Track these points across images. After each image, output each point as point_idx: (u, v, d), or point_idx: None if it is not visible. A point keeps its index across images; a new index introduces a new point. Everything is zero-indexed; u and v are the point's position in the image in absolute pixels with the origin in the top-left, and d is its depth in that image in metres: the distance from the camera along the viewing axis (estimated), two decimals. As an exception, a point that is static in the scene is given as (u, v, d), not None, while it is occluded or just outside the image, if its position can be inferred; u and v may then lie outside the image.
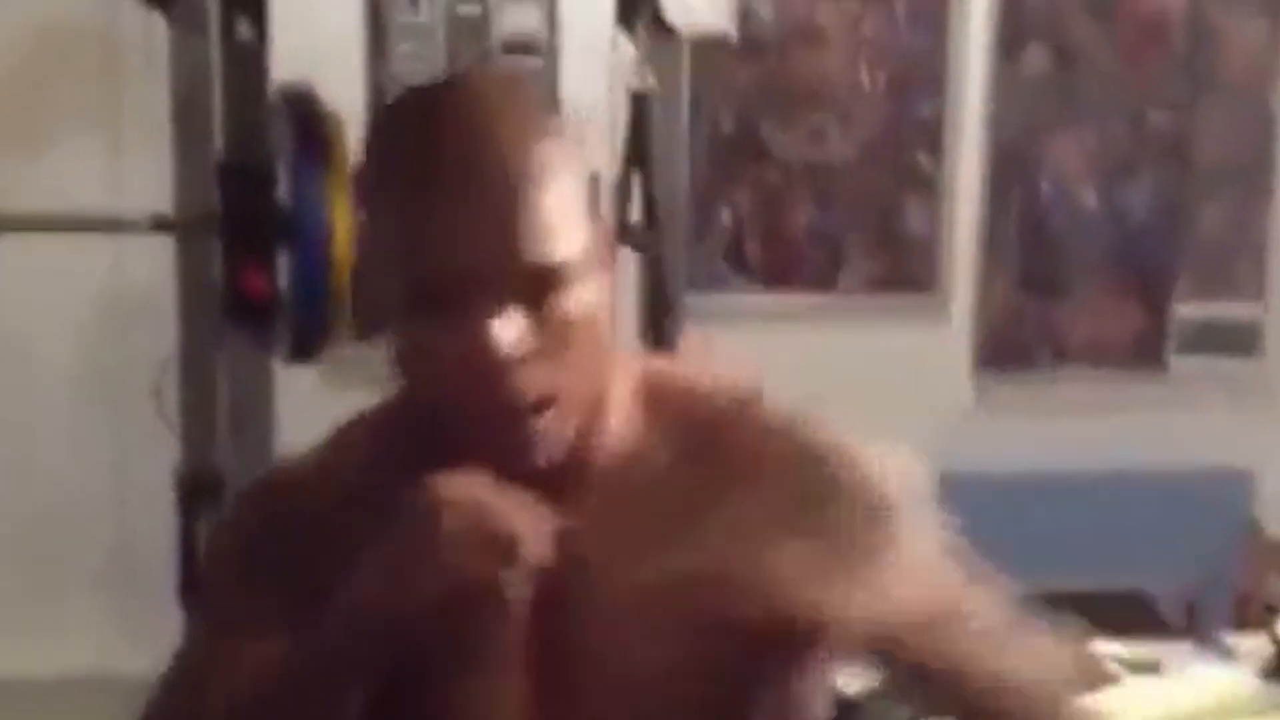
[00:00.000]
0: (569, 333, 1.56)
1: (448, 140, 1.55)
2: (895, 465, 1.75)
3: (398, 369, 1.60)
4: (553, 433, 1.58)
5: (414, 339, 1.57)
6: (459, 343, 1.53)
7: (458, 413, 1.57)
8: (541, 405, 1.56)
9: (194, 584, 3.77)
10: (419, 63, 4.52)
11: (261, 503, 1.79)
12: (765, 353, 4.76)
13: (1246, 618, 4.77)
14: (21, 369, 4.41)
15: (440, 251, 1.53)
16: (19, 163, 4.25)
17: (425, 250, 1.54)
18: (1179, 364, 5.07)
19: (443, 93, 1.65)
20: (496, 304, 1.53)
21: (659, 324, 3.73)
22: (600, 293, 1.59)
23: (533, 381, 1.55)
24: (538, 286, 1.54)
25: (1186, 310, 5.05)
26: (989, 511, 4.83)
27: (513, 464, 1.57)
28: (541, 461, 1.58)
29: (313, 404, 3.48)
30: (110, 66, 4.33)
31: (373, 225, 1.61)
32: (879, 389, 4.81)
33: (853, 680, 2.44)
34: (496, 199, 1.53)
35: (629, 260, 3.91)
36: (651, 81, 3.49)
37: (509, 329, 1.53)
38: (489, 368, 1.53)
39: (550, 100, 1.50)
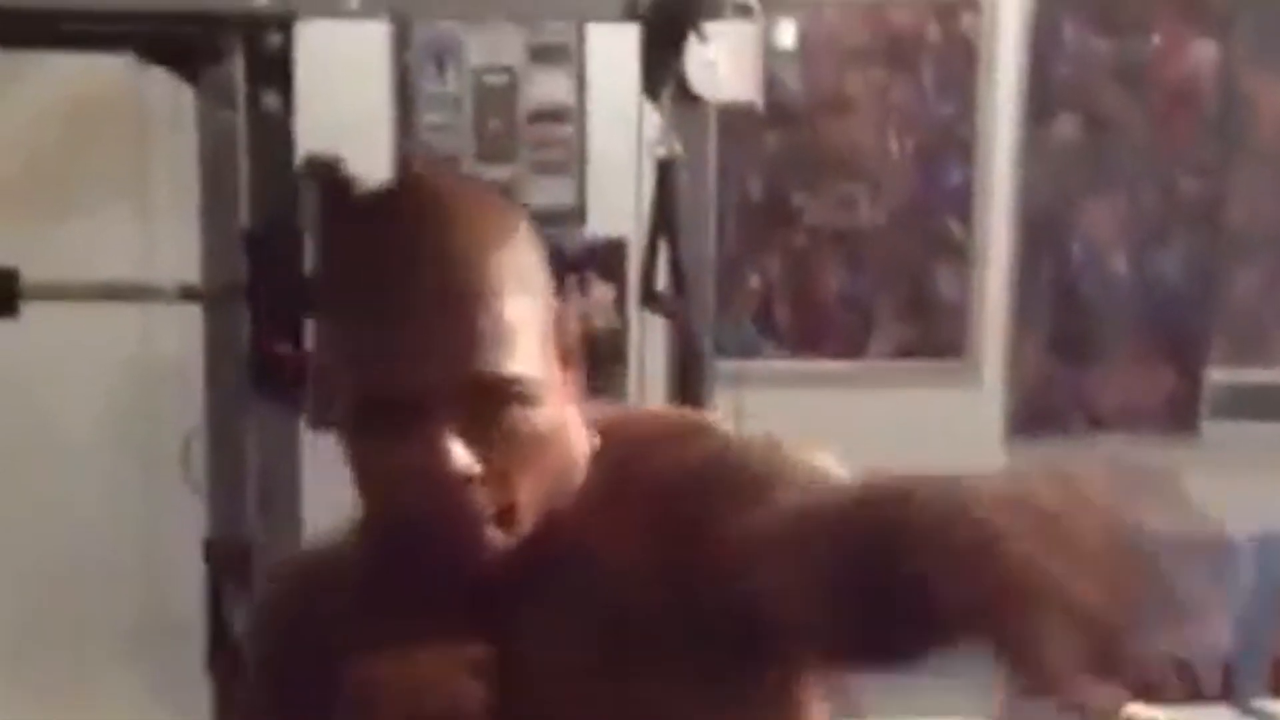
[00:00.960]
0: (526, 444, 1.52)
1: (401, 248, 1.50)
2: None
3: (352, 478, 1.56)
4: (510, 541, 1.54)
5: (366, 452, 1.52)
6: (412, 459, 1.48)
7: (414, 525, 1.52)
8: (499, 518, 1.52)
9: (223, 652, 3.78)
10: (446, 132, 4.54)
11: (292, 590, 1.77)
12: (795, 418, 4.76)
13: (1283, 683, 4.76)
14: (51, 437, 4.43)
15: (392, 365, 1.48)
16: (49, 232, 4.27)
17: (376, 363, 1.49)
18: (1212, 429, 5.05)
19: (399, 198, 1.59)
20: (450, 419, 1.48)
21: (689, 390, 3.73)
22: (562, 400, 1.55)
23: (489, 496, 1.51)
24: (492, 400, 1.49)
25: (1219, 375, 5.04)
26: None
27: (470, 572, 1.54)
28: (499, 566, 1.54)
29: (340, 472, 3.49)
30: (139, 136, 4.35)
31: (326, 331, 1.57)
32: (909, 455, 4.79)
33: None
34: (449, 312, 1.47)
35: (658, 326, 3.92)
36: (678, 149, 3.49)
37: (460, 445, 1.48)
38: (443, 483, 1.48)
39: (512, 208, 1.54)
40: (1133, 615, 1.20)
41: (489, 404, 1.49)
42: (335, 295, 1.54)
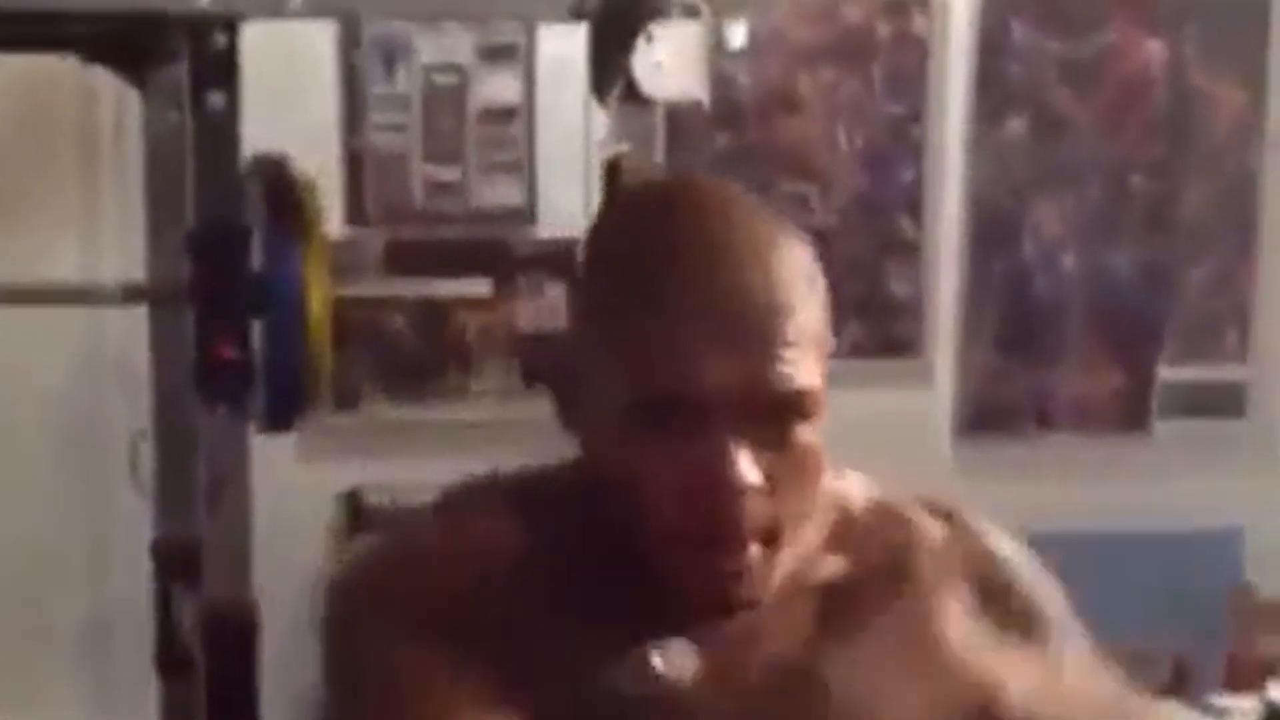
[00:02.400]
0: (797, 465, 1.50)
1: (691, 249, 1.47)
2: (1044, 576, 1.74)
3: (606, 479, 1.52)
4: (765, 570, 1.51)
5: (637, 452, 1.48)
6: (690, 464, 1.46)
7: (672, 532, 1.49)
8: (761, 538, 1.49)
9: (171, 653, 3.76)
10: (395, 132, 4.53)
11: (400, 573, 1.61)
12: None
13: (1237, 679, 4.76)
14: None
15: (682, 369, 1.45)
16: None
17: (665, 365, 1.45)
18: (1164, 427, 5.07)
19: (680, 196, 1.57)
20: (734, 429, 1.45)
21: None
22: (824, 424, 1.52)
23: (757, 513, 1.48)
24: (777, 415, 1.47)
25: (1171, 373, 5.05)
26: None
27: (720, 595, 1.51)
28: (747, 599, 1.51)
29: (289, 473, 3.49)
30: (84, 137, 4.34)
31: (600, 328, 1.52)
32: (862, 453, 4.80)
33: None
34: (744, 320, 1.45)
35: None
36: (624, 149, 3.49)
37: (744, 456, 1.45)
38: (718, 494, 1.46)
39: (783, 218, 1.55)
40: None
41: (778, 416, 1.47)
42: (625, 291, 1.49)
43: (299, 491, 4.17)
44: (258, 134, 3.39)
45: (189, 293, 3.39)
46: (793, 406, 1.47)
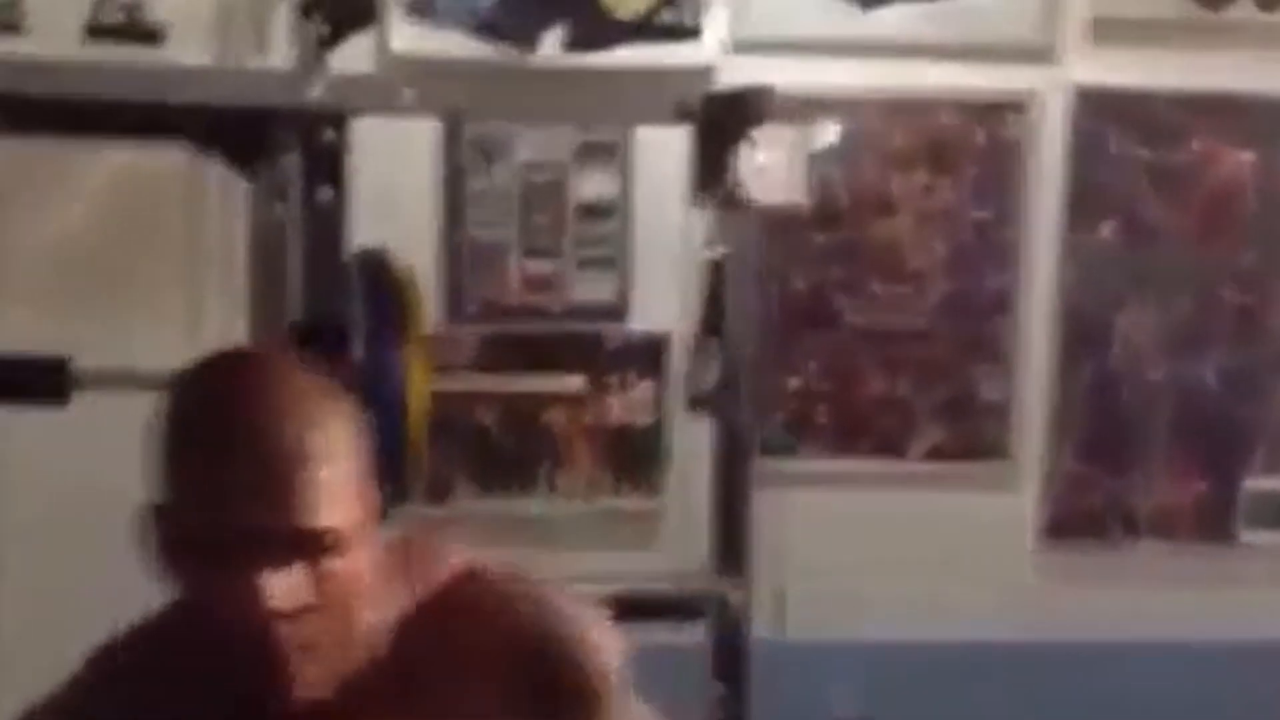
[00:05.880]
0: (335, 588, 1.76)
1: (248, 413, 1.76)
2: (608, 643, 1.95)
3: (180, 600, 1.83)
4: (312, 676, 1.78)
5: (198, 580, 1.77)
6: (237, 590, 1.72)
7: (230, 651, 1.77)
8: (305, 651, 1.76)
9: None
10: (494, 227, 4.57)
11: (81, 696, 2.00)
12: (833, 519, 4.80)
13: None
14: (98, 526, 4.42)
15: (228, 508, 1.72)
16: (98, 321, 4.29)
17: (215, 505, 1.73)
18: (1250, 536, 5.04)
19: (248, 365, 1.88)
20: (274, 560, 1.73)
21: (731, 488, 3.74)
22: (366, 552, 1.79)
23: (298, 631, 1.75)
24: (310, 547, 1.74)
25: (1257, 483, 5.03)
26: (1057, 682, 4.83)
27: (276, 702, 1.78)
28: (300, 699, 1.78)
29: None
30: (189, 227, 4.38)
31: (171, 472, 1.79)
32: (946, 556, 4.81)
33: None
34: (284, 469, 1.73)
35: (698, 424, 3.93)
36: (724, 249, 3.52)
37: (282, 583, 1.72)
38: (261, 616, 1.72)
39: (335, 387, 1.88)
40: None
41: (310, 549, 1.75)
42: (193, 441, 1.78)
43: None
44: (359, 228, 3.43)
45: (292, 383, 3.41)
46: (325, 540, 1.75)
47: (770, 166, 3.39)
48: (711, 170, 3.41)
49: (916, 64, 4.71)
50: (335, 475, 1.76)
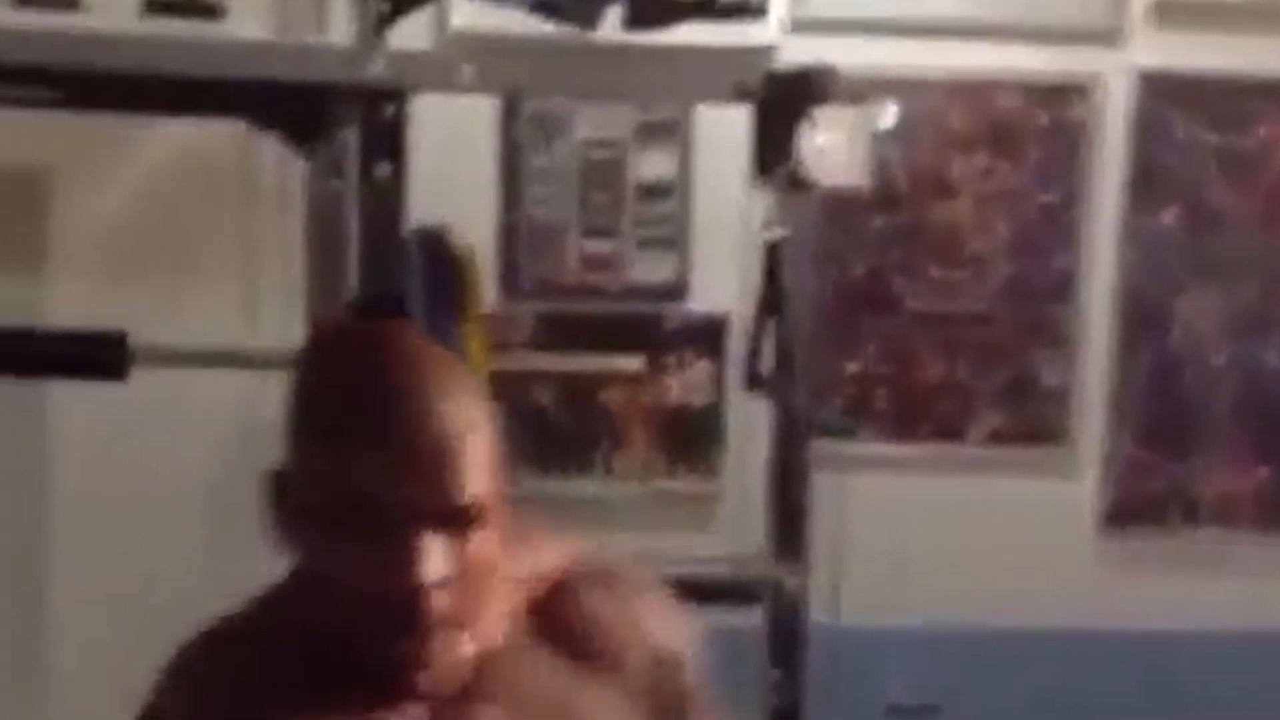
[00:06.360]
0: (474, 561, 1.78)
1: (394, 384, 1.77)
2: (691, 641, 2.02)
3: (312, 575, 1.82)
4: (449, 653, 1.80)
5: (339, 552, 1.77)
6: (381, 561, 1.74)
7: (368, 625, 1.78)
8: (444, 626, 1.78)
9: None
10: (552, 205, 4.56)
11: (202, 655, 1.99)
12: (892, 503, 4.78)
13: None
14: (154, 502, 4.44)
15: (380, 480, 1.74)
16: (156, 297, 4.30)
17: (367, 476, 1.74)
18: (1312, 525, 5.01)
19: (385, 338, 1.87)
20: (421, 531, 1.74)
21: (788, 471, 3.72)
22: (498, 529, 1.81)
23: (440, 605, 1.76)
24: (456, 519, 1.76)
25: (1319, 470, 4.99)
26: (1116, 669, 4.79)
27: (411, 680, 1.80)
28: (432, 685, 1.80)
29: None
30: (246, 203, 4.38)
31: (308, 442, 1.80)
32: (1005, 542, 4.78)
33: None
34: (433, 440, 1.74)
35: (756, 406, 3.91)
36: (783, 230, 3.49)
37: (431, 557, 1.74)
38: (407, 587, 1.74)
39: (454, 357, 1.91)
40: None
41: (455, 524, 1.76)
42: (336, 412, 1.79)
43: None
44: (417, 205, 3.42)
45: (349, 360, 3.40)
46: (468, 515, 1.76)
47: (831, 147, 3.37)
48: (772, 151, 3.39)
49: (979, 45, 4.68)
50: (477, 447, 1.77)
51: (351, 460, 1.74)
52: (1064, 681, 4.71)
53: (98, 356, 3.38)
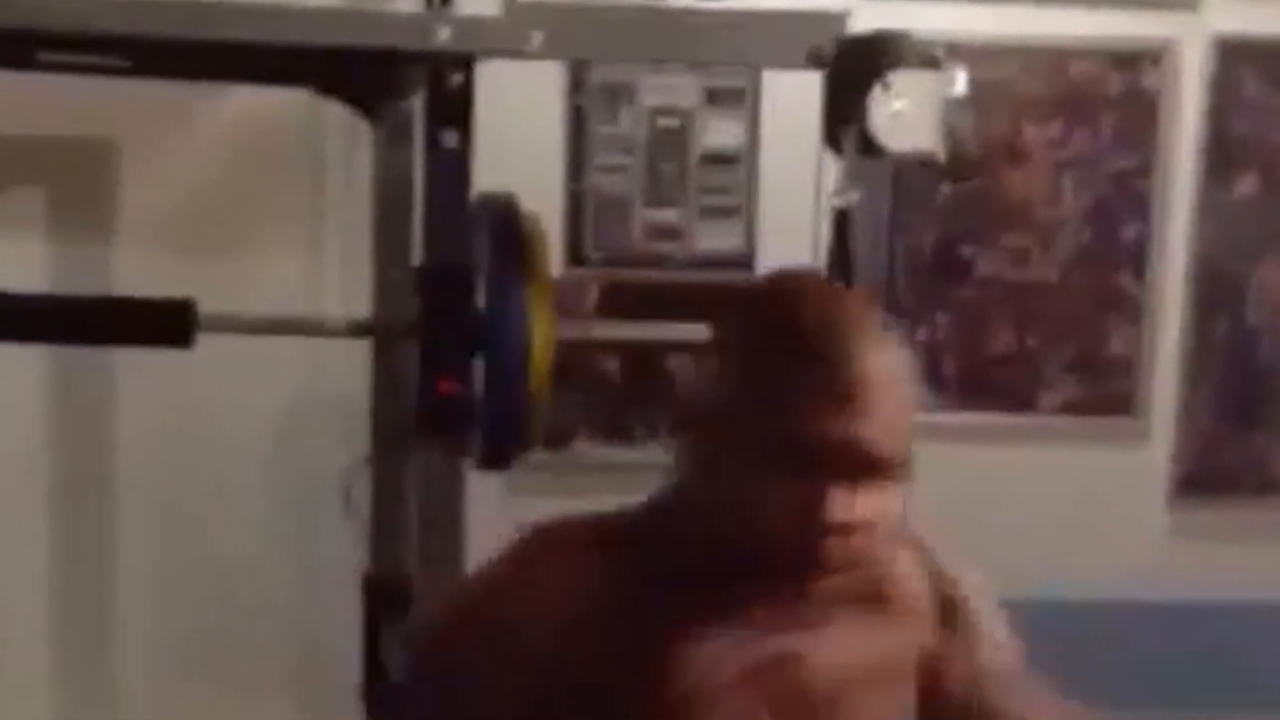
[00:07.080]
0: (881, 514, 1.86)
1: (837, 333, 1.84)
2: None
3: (718, 506, 1.89)
4: (838, 594, 1.95)
5: (762, 483, 1.84)
6: (804, 499, 1.82)
7: (772, 553, 1.87)
8: (842, 568, 1.89)
9: (377, 687, 3.77)
10: (618, 173, 4.53)
11: (466, 629, 2.02)
12: (962, 472, 4.73)
13: None
14: (215, 468, 4.45)
15: (820, 422, 1.81)
16: (221, 264, 4.30)
17: (807, 418, 1.81)
18: (1386, 496, 4.95)
19: (828, 291, 1.99)
20: (844, 477, 1.82)
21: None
22: (905, 487, 1.89)
23: (843, 547, 1.85)
24: (877, 469, 1.83)
25: (1394, 442, 4.94)
26: (1189, 640, 4.75)
27: (789, 607, 1.94)
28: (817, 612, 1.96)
29: (500, 511, 3.49)
30: (312, 170, 4.38)
31: (750, 379, 1.86)
32: (1076, 512, 4.74)
33: None
34: (867, 394, 1.81)
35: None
36: (855, 198, 3.45)
37: (847, 500, 1.82)
38: (821, 528, 1.83)
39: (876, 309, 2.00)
40: None
41: (874, 473, 1.83)
42: (781, 358, 1.84)
43: (506, 531, 4.16)
44: (483, 172, 3.39)
45: (415, 328, 3.39)
46: (886, 466, 1.84)
47: (904, 113, 3.32)
48: (844, 116, 3.34)
49: (1052, 11, 4.63)
50: (901, 403, 1.85)
51: (784, 403, 1.81)
52: (1137, 651, 4.68)
53: (165, 324, 3.38)
